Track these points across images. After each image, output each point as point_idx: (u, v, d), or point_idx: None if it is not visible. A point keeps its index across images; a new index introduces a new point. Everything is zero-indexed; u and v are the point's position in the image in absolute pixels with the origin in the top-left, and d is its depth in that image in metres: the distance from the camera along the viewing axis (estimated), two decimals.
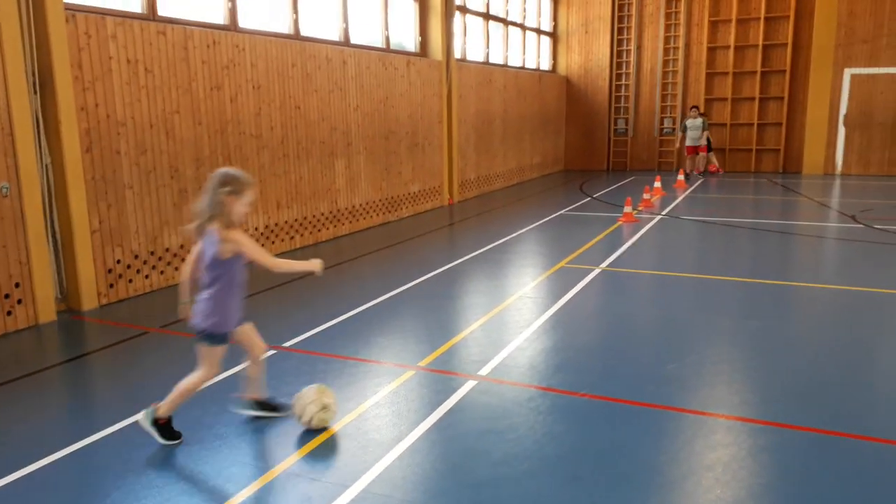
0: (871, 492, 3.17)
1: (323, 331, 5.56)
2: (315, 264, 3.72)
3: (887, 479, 3.28)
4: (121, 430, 3.89)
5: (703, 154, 16.46)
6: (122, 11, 6.66)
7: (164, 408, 3.72)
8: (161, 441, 3.69)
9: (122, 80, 6.41)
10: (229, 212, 3.49)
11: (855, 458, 3.48)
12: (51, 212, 6.01)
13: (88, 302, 6.25)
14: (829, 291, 6.66)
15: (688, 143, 16.43)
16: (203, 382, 3.77)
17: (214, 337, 3.67)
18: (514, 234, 9.69)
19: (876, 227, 9.69)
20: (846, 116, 16.21)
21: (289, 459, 3.52)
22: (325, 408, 3.79)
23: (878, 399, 4.23)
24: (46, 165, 5.93)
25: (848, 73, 16.03)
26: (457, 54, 12.82)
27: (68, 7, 6.03)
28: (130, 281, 6.66)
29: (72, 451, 3.67)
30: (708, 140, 16.50)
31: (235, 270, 3.62)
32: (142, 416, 3.74)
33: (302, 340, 5.33)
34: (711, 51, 17.56)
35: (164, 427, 3.71)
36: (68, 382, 4.82)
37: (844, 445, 3.61)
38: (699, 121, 16.18)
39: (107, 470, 3.47)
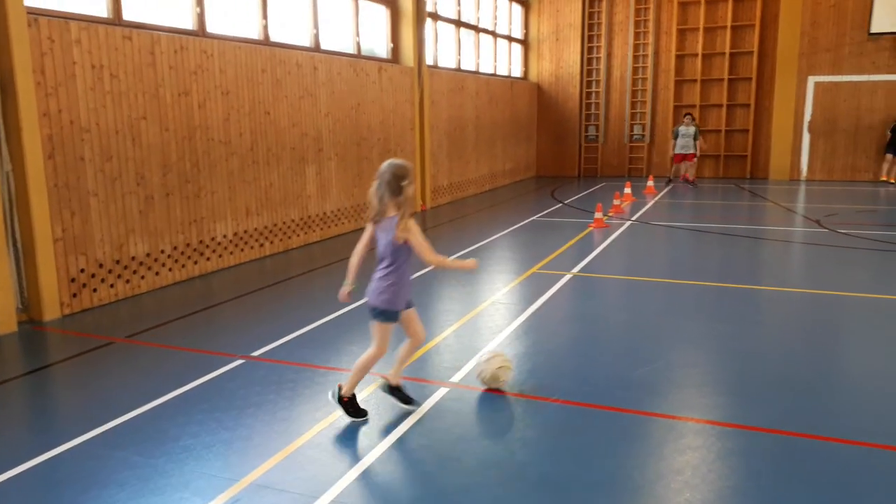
0: (839, 493, 3.22)
1: (293, 339, 5.50)
2: (470, 263, 4.03)
3: (855, 481, 3.33)
4: (83, 443, 3.79)
5: (691, 162, 16.08)
6: (86, 16, 6.54)
7: (346, 387, 3.96)
8: (348, 418, 3.93)
9: (86, 85, 6.29)
10: (408, 201, 3.76)
11: (823, 460, 3.52)
12: (12, 220, 5.86)
13: (51, 312, 6.10)
14: (795, 295, 6.77)
15: (677, 150, 16.09)
16: (377, 358, 3.97)
17: (387, 314, 3.91)
18: (486, 240, 9.70)
19: (840, 231, 9.89)
20: (810, 123, 16.57)
21: (257, 470, 3.46)
22: (503, 367, 4.29)
23: (845, 401, 4.30)
24: (7, 172, 5.78)
25: (812, 80, 16.39)
26: (429, 61, 12.83)
27: (30, 11, 5.90)
28: (95, 290, 6.52)
29: (33, 465, 3.57)
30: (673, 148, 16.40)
31: (407, 255, 3.85)
32: (330, 395, 4.02)
33: (271, 349, 5.26)
34: (680, 58, 17.83)
35: (348, 404, 3.95)
36: (29, 395, 4.69)
37: (813, 447, 3.66)
38: (692, 129, 15.83)
39: (69, 485, 3.37)
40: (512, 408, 4.16)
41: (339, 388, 3.99)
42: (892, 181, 15.73)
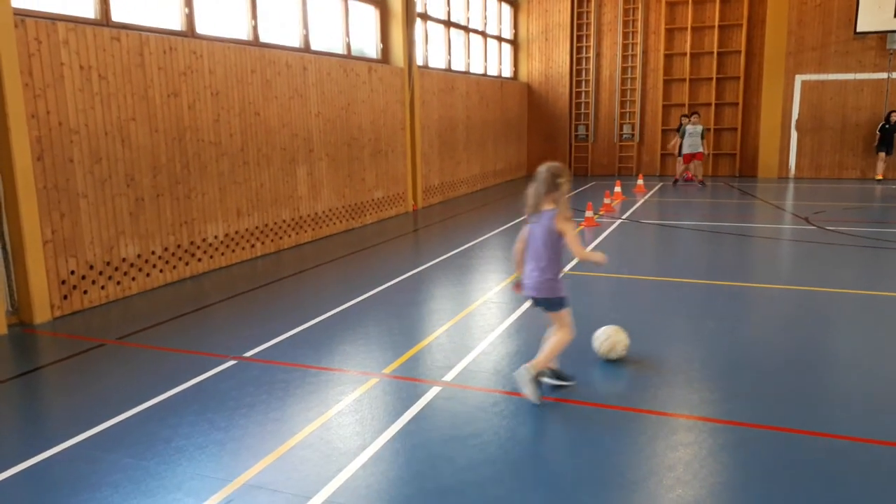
0: (830, 488, 3.25)
1: (285, 340, 5.49)
2: (601, 257, 4.41)
3: (845, 475, 3.36)
4: (75, 445, 3.78)
5: (700, 161, 15.75)
6: (74, 17, 6.50)
7: (538, 365, 4.18)
8: (534, 400, 4.11)
9: (74, 86, 6.26)
10: (564, 196, 4.14)
11: (813, 455, 3.56)
12: (1, 222, 5.82)
13: (41, 314, 6.07)
14: (784, 292, 6.83)
15: (686, 150, 15.62)
16: (569, 341, 4.31)
17: (563, 300, 4.27)
18: (478, 240, 9.72)
19: (828, 228, 9.98)
20: (798, 121, 16.70)
21: (250, 471, 3.46)
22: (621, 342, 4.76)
23: (834, 396, 4.35)
24: None
25: (799, 79, 16.52)
26: (419, 61, 12.84)
27: (17, 12, 5.87)
28: (85, 292, 6.49)
29: (24, 468, 3.55)
30: (681, 147, 16.07)
31: (562, 247, 4.21)
32: (521, 376, 4.19)
33: (263, 350, 5.25)
34: (668, 58, 17.92)
35: (555, 374, 4.36)
36: (20, 398, 4.66)
37: (803, 442, 3.69)
38: (699, 127, 15.55)
39: (61, 487, 3.36)
40: (504, 406, 4.18)
41: (530, 368, 4.16)
42: (880, 178, 15.88)
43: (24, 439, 3.97)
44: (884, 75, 15.95)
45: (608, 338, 4.84)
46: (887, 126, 15.58)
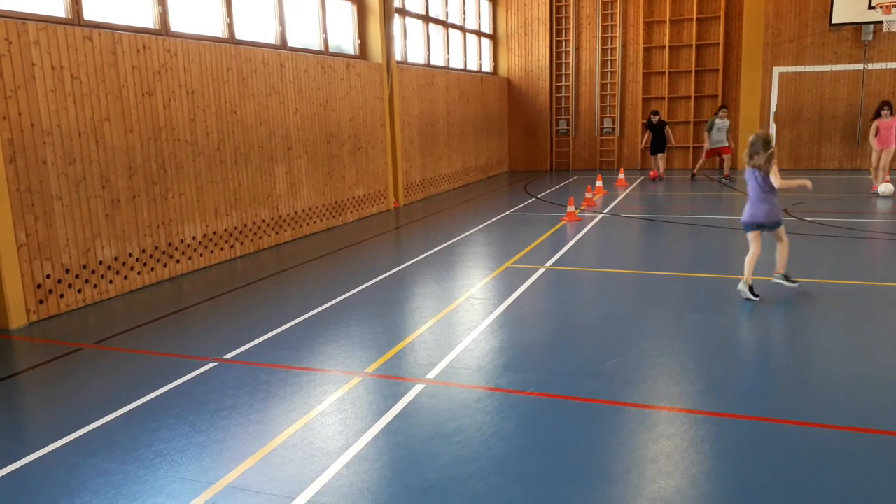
0: (809, 476, 3.28)
1: (266, 340, 5.45)
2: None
3: (824, 464, 3.40)
4: (53, 451, 3.72)
5: (727, 155, 15.32)
6: (44, 16, 6.39)
7: (781, 269, 6.39)
8: (754, 299, 6.02)
9: (46, 87, 6.15)
10: (772, 152, 6.02)
11: (793, 445, 3.59)
12: None
13: (17, 319, 5.97)
14: (764, 283, 6.88)
15: (711, 144, 15.20)
16: (789, 246, 6.38)
17: (781, 221, 6.31)
18: (460, 236, 9.71)
19: (807, 219, 10.08)
20: (776, 113, 16.84)
21: (232, 473, 3.43)
22: None
23: (814, 386, 4.39)
24: None
25: (777, 71, 16.65)
26: (397, 57, 12.79)
27: None
28: (62, 296, 6.39)
29: (2, 475, 3.49)
30: (661, 143, 15.82)
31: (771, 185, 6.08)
32: (741, 288, 6.15)
33: (244, 351, 5.20)
34: (647, 51, 18.00)
35: (785, 277, 6.42)
36: (1, 403, 4.59)
37: (783, 432, 3.73)
38: (727, 122, 15.23)
39: (40, 494, 3.31)
40: (487, 402, 4.17)
41: (746, 282, 6.12)
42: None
43: (1, 446, 3.90)
44: (860, 66, 16.14)
45: None
46: None
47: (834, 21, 15.83)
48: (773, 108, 16.80)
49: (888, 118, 12.33)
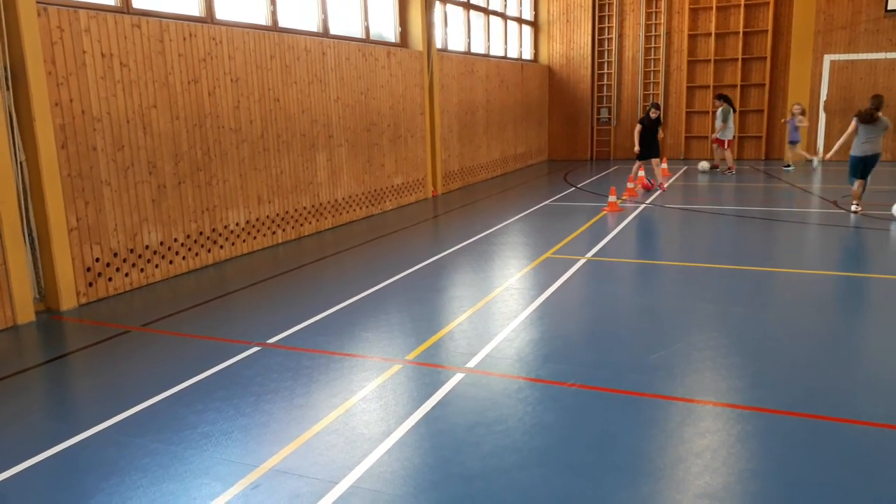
0: (859, 475, 3.18)
1: (308, 326, 5.50)
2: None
3: (873, 463, 3.29)
4: (103, 430, 3.82)
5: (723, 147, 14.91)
6: (95, 4, 6.51)
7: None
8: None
9: (96, 74, 6.28)
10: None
11: (842, 442, 3.49)
12: (27, 210, 5.88)
13: (67, 301, 6.14)
14: (811, 276, 6.70)
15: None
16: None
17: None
18: (498, 226, 9.66)
19: (852, 211, 9.75)
20: (826, 103, 16.32)
21: (276, 456, 3.47)
22: None
23: (864, 382, 4.25)
24: (21, 162, 5.80)
25: (827, 59, 16.13)
26: (438, 44, 12.73)
27: (40, 1, 5.89)
28: (110, 279, 6.55)
29: (54, 452, 3.60)
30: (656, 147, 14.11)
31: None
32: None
33: (286, 336, 5.26)
34: (692, 38, 17.60)
35: None
36: (48, 384, 4.73)
37: (831, 429, 3.62)
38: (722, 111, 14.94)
39: (90, 471, 3.40)
40: (528, 393, 4.15)
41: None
42: None
43: (53, 424, 4.02)
44: None
45: None
46: None
47: (890, 7, 15.25)
48: (823, 97, 16.28)
49: None
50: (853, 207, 9.68)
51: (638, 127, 12.37)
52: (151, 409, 4.09)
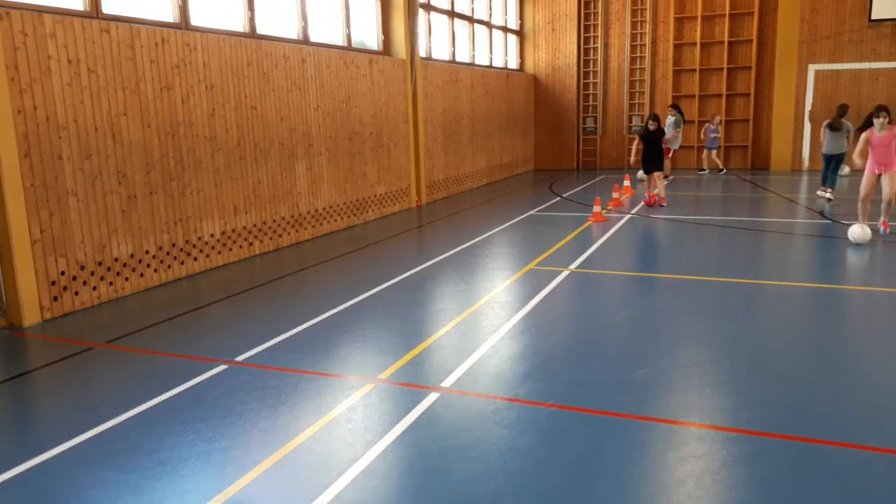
0: (850, 502, 3.01)
1: (280, 342, 5.29)
2: None
3: (866, 488, 3.12)
4: (55, 456, 3.59)
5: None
6: (61, 9, 6.30)
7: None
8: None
9: (62, 80, 6.06)
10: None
11: (837, 468, 3.32)
12: None
13: (31, 316, 5.89)
14: (799, 289, 6.56)
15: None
16: None
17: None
18: (483, 236, 9.49)
19: (843, 222, 9.67)
20: (811, 112, 16.33)
21: (234, 485, 3.26)
22: None
23: (854, 403, 4.09)
24: None
25: (812, 68, 16.15)
26: (422, 53, 12.59)
27: (2, 4, 5.68)
28: (77, 293, 6.31)
29: (15, 473, 3.39)
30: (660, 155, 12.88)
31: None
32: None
33: (257, 353, 5.05)
34: (678, 48, 17.58)
35: None
36: (9, 402, 4.48)
37: (822, 453, 3.45)
38: (671, 119, 15.03)
39: (52, 493, 3.17)
40: (505, 414, 3.96)
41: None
42: None
43: (15, 444, 3.79)
44: None
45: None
46: None
47: (873, 17, 15.30)
48: (808, 106, 16.29)
49: None
50: (825, 194, 11.62)
51: (637, 140, 11.68)
52: (108, 432, 3.86)
